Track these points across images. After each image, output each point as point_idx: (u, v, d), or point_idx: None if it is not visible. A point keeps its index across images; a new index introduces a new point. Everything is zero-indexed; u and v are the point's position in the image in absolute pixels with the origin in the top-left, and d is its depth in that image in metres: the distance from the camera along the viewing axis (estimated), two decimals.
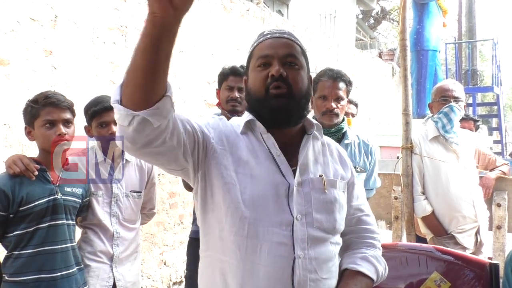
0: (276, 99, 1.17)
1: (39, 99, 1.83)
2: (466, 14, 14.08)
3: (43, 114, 1.82)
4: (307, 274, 1.14)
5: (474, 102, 9.36)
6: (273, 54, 1.21)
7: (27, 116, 1.86)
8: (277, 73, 1.17)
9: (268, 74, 1.19)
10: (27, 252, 1.78)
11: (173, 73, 3.99)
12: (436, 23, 7.24)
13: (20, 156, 1.82)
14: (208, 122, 1.22)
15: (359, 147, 2.34)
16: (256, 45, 1.26)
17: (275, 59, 1.20)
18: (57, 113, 1.83)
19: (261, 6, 5.81)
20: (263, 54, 1.22)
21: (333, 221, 1.21)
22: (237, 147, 1.20)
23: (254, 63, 1.24)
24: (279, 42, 1.23)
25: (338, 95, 2.23)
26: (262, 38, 1.26)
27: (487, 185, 2.99)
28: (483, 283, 1.60)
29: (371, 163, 2.38)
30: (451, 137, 2.64)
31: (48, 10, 2.92)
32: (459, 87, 2.77)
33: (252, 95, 1.23)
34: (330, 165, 1.29)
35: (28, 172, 1.78)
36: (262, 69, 1.21)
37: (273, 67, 1.19)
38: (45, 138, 1.83)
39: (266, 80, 1.19)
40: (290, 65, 1.21)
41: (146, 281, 3.66)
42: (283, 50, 1.22)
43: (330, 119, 2.23)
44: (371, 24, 19.13)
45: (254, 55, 1.25)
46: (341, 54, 7.59)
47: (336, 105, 2.23)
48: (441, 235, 2.62)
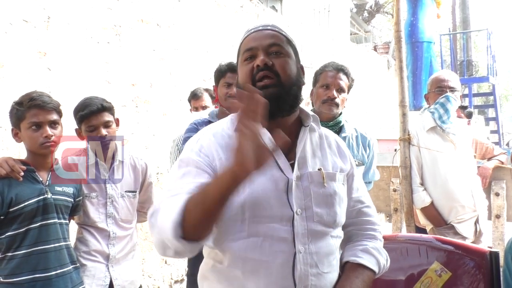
0: (264, 89, 1.15)
1: (24, 101, 1.82)
2: (460, 5, 14.07)
3: (29, 116, 1.81)
4: (308, 269, 1.13)
5: (470, 93, 9.38)
6: (257, 45, 1.20)
7: (13, 118, 1.86)
8: (261, 63, 1.17)
9: (253, 66, 1.19)
10: (21, 253, 1.78)
11: (168, 71, 3.98)
12: (430, 15, 7.23)
13: (6, 158, 1.82)
14: (200, 151, 1.17)
15: (357, 140, 2.33)
16: (242, 41, 1.26)
17: (259, 50, 1.20)
18: (43, 115, 1.82)
19: (254, 2, 5.79)
20: (248, 47, 1.22)
21: (334, 214, 1.21)
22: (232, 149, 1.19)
23: (240, 58, 1.24)
24: (262, 34, 1.23)
25: (340, 85, 2.23)
26: (246, 34, 1.26)
27: (484, 174, 3.00)
28: (483, 272, 1.60)
29: (369, 156, 2.38)
30: (448, 127, 2.64)
31: (40, 11, 2.90)
32: (454, 77, 2.77)
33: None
34: (328, 157, 1.28)
35: (14, 173, 1.78)
36: (248, 62, 1.21)
37: (257, 58, 1.19)
38: (32, 140, 1.82)
39: (252, 72, 1.19)
40: (276, 54, 1.20)
41: (147, 280, 3.66)
42: (267, 40, 1.21)
43: (330, 108, 2.22)
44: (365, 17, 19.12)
45: (240, 51, 1.26)
46: (336, 48, 7.58)
47: (337, 95, 2.23)
48: (440, 225, 2.63)
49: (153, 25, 3.85)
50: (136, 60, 3.65)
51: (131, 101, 3.59)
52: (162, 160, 3.81)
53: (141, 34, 3.70)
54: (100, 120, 2.01)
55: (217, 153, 1.16)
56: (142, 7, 3.73)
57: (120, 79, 3.49)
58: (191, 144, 1.21)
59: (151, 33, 3.82)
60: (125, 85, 3.54)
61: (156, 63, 3.86)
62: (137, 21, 3.69)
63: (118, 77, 3.46)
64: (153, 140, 3.78)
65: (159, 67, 3.89)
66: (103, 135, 2.00)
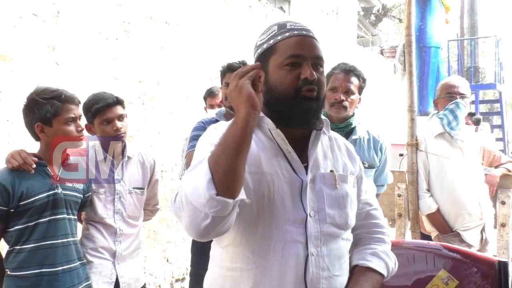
0: (306, 102, 1.14)
1: (57, 96, 1.83)
2: (468, 10, 14.03)
3: (64, 111, 1.83)
4: (320, 272, 1.13)
5: (476, 100, 9.34)
6: (305, 55, 1.16)
7: (43, 112, 1.81)
8: (311, 77, 1.14)
9: (298, 75, 1.15)
10: (29, 246, 1.78)
11: (175, 69, 3.97)
12: (439, 20, 7.20)
13: (19, 151, 1.82)
14: (217, 136, 1.14)
15: (369, 143, 2.31)
16: (280, 39, 1.18)
17: (306, 61, 1.15)
18: (76, 110, 1.89)
19: (263, 2, 5.78)
20: (294, 53, 1.15)
21: (345, 216, 1.20)
22: None
23: (280, 60, 1.16)
24: (309, 42, 1.18)
25: (348, 88, 2.22)
26: (287, 34, 1.18)
27: (492, 182, 2.98)
28: (491, 282, 1.59)
29: (382, 159, 2.35)
30: (457, 134, 2.62)
31: (50, 5, 2.90)
32: (464, 83, 2.75)
33: (276, 93, 1.16)
34: (339, 159, 1.28)
35: (27, 165, 1.77)
36: (292, 69, 1.15)
37: (305, 69, 1.14)
38: (68, 134, 1.85)
39: (296, 82, 1.14)
40: (317, 67, 1.18)
41: (149, 278, 3.65)
42: (315, 52, 1.18)
43: (338, 111, 2.21)
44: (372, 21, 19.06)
45: (279, 51, 1.17)
46: (343, 51, 7.56)
47: (346, 98, 2.21)
48: (446, 232, 2.61)
49: (162, 22, 3.85)
50: (144, 57, 3.64)
51: (137, 98, 3.59)
52: (167, 158, 3.81)
53: (149, 31, 3.70)
54: (115, 113, 2.03)
55: None
56: (151, 4, 3.73)
57: (127, 76, 3.49)
58: (208, 132, 1.22)
59: (160, 30, 3.81)
60: (132, 82, 3.53)
61: (163, 61, 3.85)
62: (146, 18, 3.69)
63: (125, 74, 3.46)
64: (159, 138, 3.77)
65: (167, 65, 3.89)
66: (118, 128, 2.01)
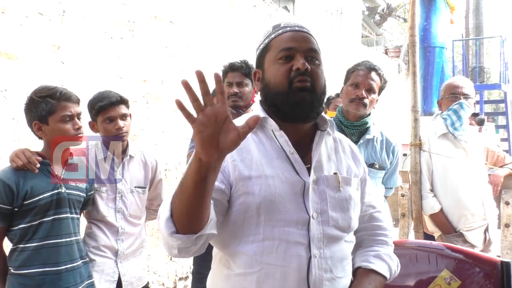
0: (300, 92, 1.14)
1: (53, 94, 1.82)
2: (474, 10, 13.97)
3: (59, 109, 1.83)
4: (323, 274, 1.12)
5: (481, 100, 9.29)
6: (297, 47, 1.17)
7: (38, 111, 1.83)
8: (303, 67, 1.14)
9: (291, 67, 1.16)
10: (32, 245, 1.79)
11: (180, 68, 3.98)
12: (444, 20, 7.18)
13: (23, 150, 1.83)
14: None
15: (381, 144, 2.28)
16: (274, 37, 1.22)
17: (298, 53, 1.17)
18: (74, 108, 1.87)
19: (267, 2, 5.78)
20: (286, 47, 1.18)
21: (348, 219, 1.20)
22: (247, 151, 1.16)
23: (274, 55, 1.19)
24: (301, 36, 1.20)
25: (370, 85, 2.19)
26: (280, 31, 1.22)
27: (495, 182, 2.97)
28: (493, 282, 1.59)
29: (393, 162, 2.33)
30: (460, 135, 2.61)
31: (56, 4, 2.91)
32: (469, 84, 2.74)
33: (272, 88, 1.18)
34: (343, 162, 1.27)
35: (31, 164, 1.79)
36: (284, 62, 1.17)
37: (297, 60, 1.16)
38: (64, 132, 1.84)
39: (289, 74, 1.16)
40: (311, 59, 1.18)
41: (153, 276, 3.67)
42: (306, 44, 1.19)
43: (357, 107, 2.18)
44: (376, 21, 19.01)
45: (272, 48, 1.21)
46: (347, 50, 7.55)
47: (367, 96, 2.19)
48: (449, 232, 2.61)
49: (166, 22, 3.86)
50: (148, 56, 3.66)
51: (142, 97, 3.60)
52: (171, 157, 3.82)
53: (154, 30, 3.71)
54: (118, 112, 2.04)
55: (230, 155, 1.11)
56: (156, 3, 3.74)
57: (132, 75, 3.50)
58: None
59: (164, 30, 3.82)
60: (136, 81, 3.55)
61: (168, 60, 3.86)
62: (151, 18, 3.70)
63: (130, 73, 3.48)
64: (163, 137, 3.78)
65: (171, 64, 3.90)
66: (120, 126, 2.02)
